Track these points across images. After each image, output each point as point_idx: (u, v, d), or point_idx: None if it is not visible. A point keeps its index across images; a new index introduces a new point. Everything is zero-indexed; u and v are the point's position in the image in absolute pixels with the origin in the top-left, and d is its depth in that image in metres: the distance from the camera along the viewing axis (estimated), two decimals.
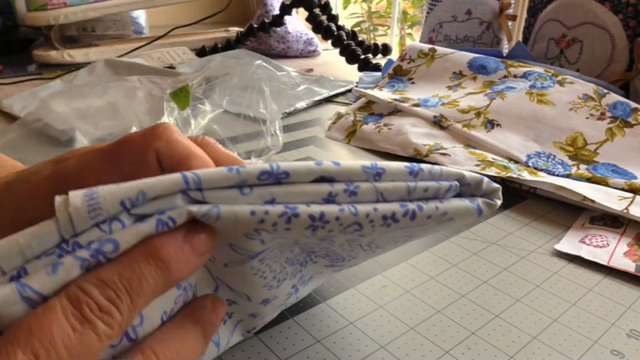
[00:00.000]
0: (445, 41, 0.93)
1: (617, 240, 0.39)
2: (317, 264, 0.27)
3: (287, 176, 0.19)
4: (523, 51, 0.74)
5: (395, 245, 0.26)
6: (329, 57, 1.21)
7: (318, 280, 0.30)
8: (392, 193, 0.20)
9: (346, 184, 0.20)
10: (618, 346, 0.29)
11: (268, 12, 1.18)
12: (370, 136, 0.60)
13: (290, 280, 0.26)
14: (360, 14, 2.47)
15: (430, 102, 0.63)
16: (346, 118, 0.65)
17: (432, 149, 0.54)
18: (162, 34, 1.07)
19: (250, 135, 0.59)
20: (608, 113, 0.55)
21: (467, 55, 0.69)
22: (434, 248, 0.38)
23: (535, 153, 0.53)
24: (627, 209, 0.41)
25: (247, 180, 0.18)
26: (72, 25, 1.12)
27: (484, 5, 0.90)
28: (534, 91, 0.59)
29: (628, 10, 0.70)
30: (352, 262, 0.28)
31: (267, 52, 1.17)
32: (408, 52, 0.75)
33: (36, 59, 1.00)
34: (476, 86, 0.65)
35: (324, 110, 0.75)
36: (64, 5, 0.96)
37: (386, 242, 0.24)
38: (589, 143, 0.53)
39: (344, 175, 0.20)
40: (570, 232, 0.41)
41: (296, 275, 0.26)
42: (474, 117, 0.58)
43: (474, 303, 0.32)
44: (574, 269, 0.36)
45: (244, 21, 1.32)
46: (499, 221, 0.43)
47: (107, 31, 1.17)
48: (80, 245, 0.17)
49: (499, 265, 0.36)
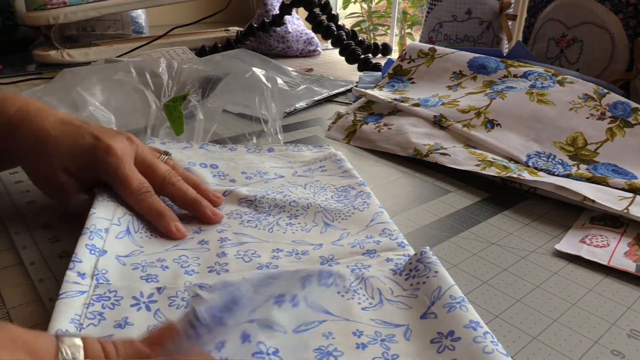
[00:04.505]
0: (445, 41, 0.93)
1: (618, 240, 0.39)
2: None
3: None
4: (523, 51, 0.74)
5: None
6: (329, 56, 1.21)
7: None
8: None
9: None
10: (618, 346, 0.29)
11: (268, 12, 1.18)
12: (370, 136, 0.60)
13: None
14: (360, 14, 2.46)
15: (430, 102, 0.63)
16: (346, 118, 0.65)
17: (432, 149, 0.54)
18: (162, 33, 1.07)
19: (251, 134, 0.59)
20: (608, 113, 0.55)
21: (467, 55, 0.69)
22: (433, 248, 0.38)
23: (535, 153, 0.53)
24: (627, 208, 0.41)
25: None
26: (72, 25, 1.12)
27: (484, 5, 0.90)
28: (534, 91, 0.59)
29: (628, 10, 0.70)
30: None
31: (267, 51, 1.17)
32: (408, 52, 0.74)
33: (36, 59, 1.00)
34: (476, 86, 0.65)
35: (324, 110, 0.75)
36: (64, 4, 0.96)
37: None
38: (589, 143, 0.53)
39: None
40: (570, 232, 0.41)
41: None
42: (474, 117, 0.57)
43: (474, 303, 0.32)
44: (574, 269, 0.36)
45: (244, 21, 1.32)
46: (499, 221, 0.43)
47: (106, 31, 1.17)
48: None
49: (499, 266, 0.36)
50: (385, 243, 0.35)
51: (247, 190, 0.42)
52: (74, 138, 0.36)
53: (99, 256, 0.31)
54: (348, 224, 0.38)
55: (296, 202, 0.40)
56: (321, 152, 0.52)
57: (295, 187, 0.43)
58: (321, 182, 0.45)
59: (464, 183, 0.50)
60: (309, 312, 0.27)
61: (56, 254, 0.35)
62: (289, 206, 0.40)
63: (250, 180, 0.45)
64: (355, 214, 0.39)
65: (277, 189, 0.43)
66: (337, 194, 0.43)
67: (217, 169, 0.46)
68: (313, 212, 0.39)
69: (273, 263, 0.33)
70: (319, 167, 0.48)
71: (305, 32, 1.20)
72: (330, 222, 0.39)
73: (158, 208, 0.36)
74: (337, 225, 0.38)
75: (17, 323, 0.28)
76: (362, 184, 0.44)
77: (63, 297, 0.27)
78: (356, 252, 0.34)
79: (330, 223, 0.38)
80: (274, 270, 0.32)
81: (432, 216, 0.43)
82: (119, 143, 0.36)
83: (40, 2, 0.94)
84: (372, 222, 0.38)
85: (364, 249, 0.35)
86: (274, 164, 0.48)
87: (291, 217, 0.39)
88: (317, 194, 0.43)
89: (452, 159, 0.51)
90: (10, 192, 0.44)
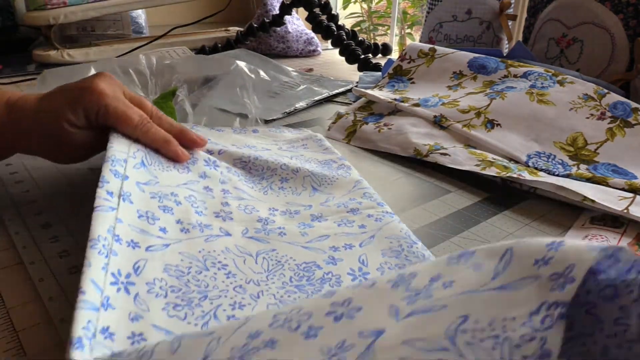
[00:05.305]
0: (445, 41, 0.93)
1: (618, 240, 0.39)
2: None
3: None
4: (523, 51, 0.74)
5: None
6: (329, 56, 1.21)
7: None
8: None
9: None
10: None
11: (268, 12, 1.18)
12: (370, 136, 0.60)
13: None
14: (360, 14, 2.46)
15: (430, 102, 0.63)
16: (346, 118, 0.65)
17: (432, 149, 0.54)
18: (162, 33, 1.07)
19: (235, 119, 0.60)
20: (608, 113, 0.55)
21: (467, 55, 0.69)
22: (433, 248, 0.38)
23: (535, 153, 0.53)
24: (627, 209, 0.41)
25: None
26: (72, 25, 1.12)
27: (484, 5, 0.90)
28: (534, 91, 0.59)
29: (628, 10, 0.70)
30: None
31: (267, 51, 1.17)
32: (408, 52, 0.74)
33: (36, 59, 1.00)
34: (476, 86, 0.65)
35: (324, 110, 0.75)
36: (64, 4, 0.96)
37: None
38: (589, 143, 0.53)
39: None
40: (570, 232, 0.41)
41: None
42: (474, 117, 0.57)
43: None
44: None
45: (244, 21, 1.32)
46: (499, 221, 0.43)
47: (106, 31, 1.17)
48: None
49: None
50: (366, 203, 0.40)
51: (241, 152, 0.45)
52: (64, 95, 0.38)
53: (123, 180, 0.33)
54: (332, 189, 0.43)
55: (287, 164, 0.45)
56: (301, 133, 0.56)
57: (283, 158, 0.47)
58: (305, 156, 0.50)
59: (464, 183, 0.50)
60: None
61: (56, 254, 0.35)
62: (280, 169, 0.44)
63: (241, 149, 0.48)
64: (339, 180, 0.44)
65: (266, 155, 0.47)
66: (320, 165, 0.47)
67: (208, 141, 0.49)
68: (302, 177, 0.44)
69: (270, 218, 0.37)
70: (301, 144, 0.53)
71: (305, 32, 1.20)
72: (318, 187, 0.43)
73: (164, 135, 0.39)
74: (324, 190, 0.43)
75: (17, 323, 0.28)
76: (342, 159, 0.49)
77: (98, 210, 0.29)
78: (342, 211, 0.39)
79: (317, 188, 0.43)
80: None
81: (432, 216, 0.43)
82: (106, 84, 0.38)
83: (40, 2, 0.94)
84: (354, 188, 0.43)
85: (348, 207, 0.40)
86: (259, 141, 0.52)
87: (282, 181, 0.43)
88: (303, 164, 0.46)
89: (452, 159, 0.51)
90: (10, 192, 0.44)
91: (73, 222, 0.39)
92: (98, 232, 0.28)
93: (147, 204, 0.33)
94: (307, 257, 0.33)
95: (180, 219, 0.34)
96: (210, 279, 0.29)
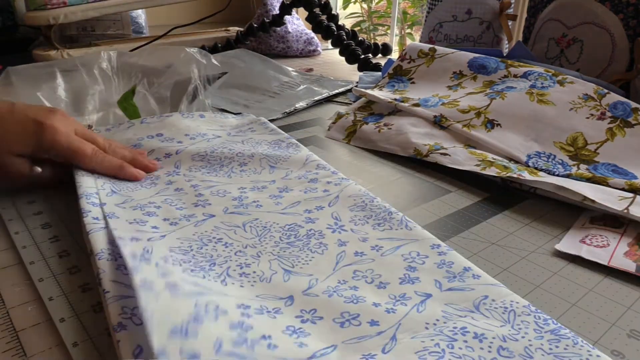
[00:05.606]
0: (445, 41, 0.93)
1: (618, 240, 0.39)
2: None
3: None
4: (523, 51, 0.74)
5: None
6: (329, 56, 1.21)
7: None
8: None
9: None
10: (618, 346, 0.29)
11: (268, 12, 1.18)
12: (370, 136, 0.60)
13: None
14: (360, 14, 2.47)
15: (430, 102, 0.63)
16: (346, 118, 0.65)
17: (432, 149, 0.54)
18: (162, 33, 1.07)
19: (186, 97, 0.63)
20: (608, 113, 0.55)
21: (467, 55, 0.69)
22: None
23: (535, 153, 0.53)
24: (627, 209, 0.41)
25: None
26: (72, 25, 1.12)
27: (484, 4, 0.89)
28: (534, 91, 0.58)
29: (628, 10, 0.70)
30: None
31: (267, 51, 1.17)
32: (408, 52, 0.74)
33: (36, 59, 0.99)
34: (476, 86, 0.65)
35: (324, 110, 0.75)
36: (64, 4, 0.96)
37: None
38: (589, 143, 0.53)
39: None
40: (570, 232, 0.41)
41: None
42: (474, 117, 0.57)
43: None
44: (574, 269, 0.36)
45: (244, 21, 1.32)
46: (499, 221, 0.43)
47: (107, 31, 1.17)
48: None
49: (499, 266, 0.36)
50: (323, 173, 0.45)
51: (196, 147, 0.49)
52: (15, 125, 0.39)
53: (102, 206, 0.37)
54: (289, 165, 0.47)
55: (242, 152, 0.48)
56: (244, 118, 0.60)
57: (235, 144, 0.51)
58: (254, 139, 0.53)
59: (464, 183, 0.50)
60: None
61: (56, 254, 0.35)
62: (237, 156, 0.48)
63: (194, 140, 0.51)
64: (292, 157, 0.48)
65: (219, 145, 0.50)
66: (270, 146, 0.51)
67: (163, 137, 0.51)
68: (258, 159, 0.48)
69: (243, 195, 0.41)
70: (248, 128, 0.57)
71: (305, 32, 1.20)
72: (274, 164, 0.47)
73: (117, 162, 0.43)
74: (281, 166, 0.47)
75: (17, 323, 0.28)
76: (290, 137, 0.53)
77: (92, 233, 0.32)
78: (303, 182, 0.44)
79: (274, 165, 0.47)
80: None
81: (432, 216, 0.43)
82: (60, 122, 0.41)
83: (40, 2, 0.94)
84: (307, 161, 0.47)
85: (308, 178, 0.44)
86: (209, 127, 0.55)
87: (242, 165, 0.47)
88: (255, 147, 0.50)
89: (452, 159, 0.51)
90: (10, 191, 0.44)
91: (73, 222, 0.39)
92: (100, 246, 0.31)
93: (131, 214, 0.37)
94: (288, 221, 0.38)
95: (166, 217, 0.37)
96: (212, 250, 0.33)
